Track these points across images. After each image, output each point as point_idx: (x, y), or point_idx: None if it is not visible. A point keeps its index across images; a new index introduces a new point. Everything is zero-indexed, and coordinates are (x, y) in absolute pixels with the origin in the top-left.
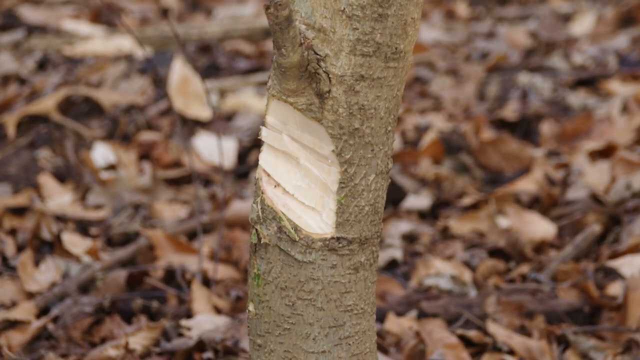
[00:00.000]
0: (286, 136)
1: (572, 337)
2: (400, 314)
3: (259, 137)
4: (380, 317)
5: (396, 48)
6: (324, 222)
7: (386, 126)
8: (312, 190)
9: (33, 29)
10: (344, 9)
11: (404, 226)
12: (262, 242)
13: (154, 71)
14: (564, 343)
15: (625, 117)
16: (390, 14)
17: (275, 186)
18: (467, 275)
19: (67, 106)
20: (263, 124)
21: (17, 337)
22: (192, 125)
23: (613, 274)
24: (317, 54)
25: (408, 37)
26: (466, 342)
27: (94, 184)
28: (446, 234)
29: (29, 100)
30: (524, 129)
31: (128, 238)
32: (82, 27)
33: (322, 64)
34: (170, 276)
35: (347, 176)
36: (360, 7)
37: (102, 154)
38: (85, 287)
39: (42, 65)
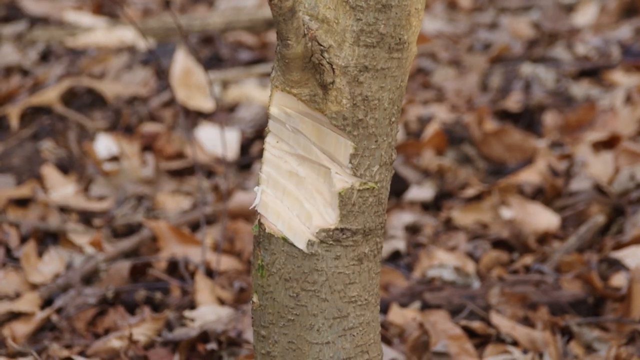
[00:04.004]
0: (289, 128)
1: (575, 328)
2: (403, 305)
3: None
4: (384, 309)
5: (400, 39)
6: (327, 213)
7: (390, 117)
8: (316, 181)
9: (35, 21)
10: None
11: (407, 217)
12: (266, 232)
13: (156, 62)
14: (567, 334)
15: (629, 107)
16: (394, 4)
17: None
18: (470, 267)
19: (70, 97)
20: (266, 115)
21: (21, 329)
22: (194, 117)
23: (617, 265)
24: (321, 45)
25: (412, 28)
26: (470, 333)
27: (97, 175)
28: (449, 225)
29: (31, 92)
30: (527, 119)
31: (131, 229)
32: (85, 18)
33: (325, 54)
34: (173, 267)
35: (351, 167)
36: None
37: (105, 145)
38: (89, 278)
39: (45, 56)
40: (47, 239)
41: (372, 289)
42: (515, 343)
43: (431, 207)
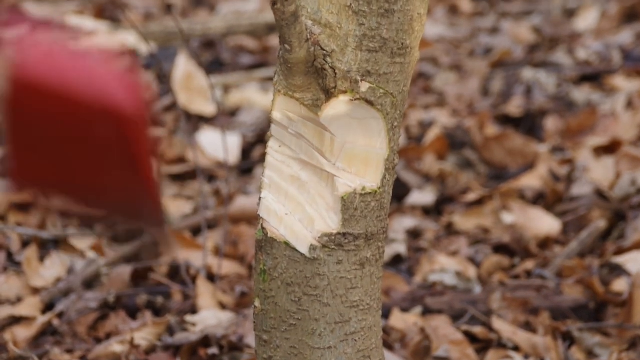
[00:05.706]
0: (291, 132)
1: (577, 333)
2: (404, 310)
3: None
4: (385, 313)
5: (402, 43)
6: (330, 218)
7: (392, 122)
8: (318, 185)
9: None
10: (351, 4)
11: (408, 222)
12: (268, 237)
13: (158, 67)
14: (569, 339)
15: (630, 112)
16: (397, 9)
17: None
18: (471, 271)
19: None
20: (268, 119)
21: (22, 333)
22: (196, 121)
23: (618, 270)
24: (324, 50)
25: (414, 33)
26: (471, 338)
27: None
28: (450, 230)
29: None
30: (528, 124)
31: (132, 233)
32: (87, 22)
33: (328, 59)
34: (174, 272)
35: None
36: (366, 2)
37: None
38: (90, 282)
39: None
40: (49, 243)
41: (374, 293)
42: (516, 348)
43: (432, 211)
